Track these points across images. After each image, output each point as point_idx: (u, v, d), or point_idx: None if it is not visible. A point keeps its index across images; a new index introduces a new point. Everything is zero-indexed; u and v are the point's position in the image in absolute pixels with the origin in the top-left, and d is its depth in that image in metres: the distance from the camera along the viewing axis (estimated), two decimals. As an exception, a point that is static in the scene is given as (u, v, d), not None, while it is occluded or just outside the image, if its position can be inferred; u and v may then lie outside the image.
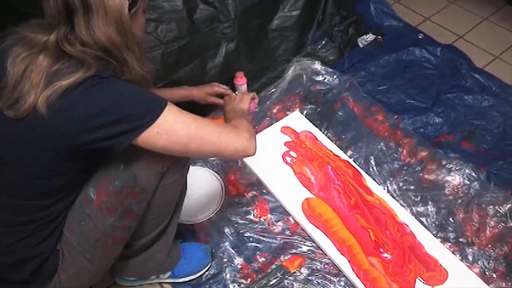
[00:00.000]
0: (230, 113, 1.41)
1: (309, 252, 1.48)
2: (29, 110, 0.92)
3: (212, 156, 1.43)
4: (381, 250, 1.47)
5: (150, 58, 1.64)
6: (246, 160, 1.70)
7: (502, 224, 1.52)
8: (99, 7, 0.92)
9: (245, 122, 1.23)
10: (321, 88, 1.96)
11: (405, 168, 1.69)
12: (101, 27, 0.94)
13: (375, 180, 1.66)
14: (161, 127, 0.97)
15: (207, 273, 1.45)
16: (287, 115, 1.86)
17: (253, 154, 1.16)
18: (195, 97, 1.63)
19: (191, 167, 1.36)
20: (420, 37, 2.23)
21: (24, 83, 0.93)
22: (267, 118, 1.86)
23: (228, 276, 1.43)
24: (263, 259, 1.47)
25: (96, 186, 1.07)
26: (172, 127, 0.99)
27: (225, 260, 1.46)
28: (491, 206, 1.56)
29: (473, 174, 1.63)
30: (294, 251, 1.49)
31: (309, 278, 1.43)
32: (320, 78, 1.98)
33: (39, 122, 0.93)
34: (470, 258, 1.46)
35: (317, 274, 1.43)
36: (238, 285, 1.41)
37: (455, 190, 1.62)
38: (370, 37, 2.19)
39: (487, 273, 1.42)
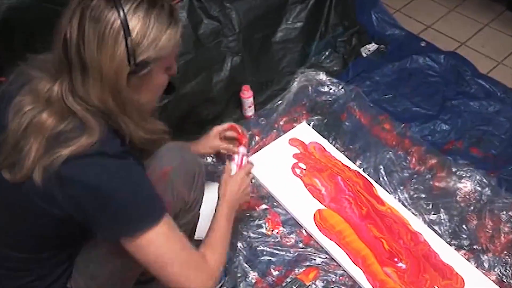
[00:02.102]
0: (229, 196, 1.26)
1: (324, 264, 1.47)
2: (25, 177, 0.87)
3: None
4: (396, 259, 1.46)
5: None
6: (255, 173, 1.69)
7: (516, 229, 1.52)
8: (95, 69, 0.85)
9: (224, 244, 1.14)
10: (327, 98, 1.96)
11: (415, 176, 1.69)
12: (96, 89, 0.86)
13: (385, 190, 1.65)
14: (137, 241, 0.90)
15: (221, 289, 1.44)
16: (294, 126, 1.86)
17: None
18: (201, 152, 1.49)
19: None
20: (422, 45, 2.24)
21: (23, 144, 0.87)
22: (275, 130, 1.86)
23: (243, 291, 1.42)
24: (277, 272, 1.46)
25: None
26: (146, 245, 0.91)
27: (239, 275, 1.45)
28: (504, 212, 1.55)
29: (484, 180, 1.63)
30: (308, 263, 1.47)
31: (325, 290, 1.42)
32: (325, 88, 1.99)
33: (33, 191, 0.87)
34: (486, 265, 1.45)
35: (332, 286, 1.42)
36: (253, 300, 1.40)
37: (467, 197, 1.61)
38: (373, 46, 2.20)
39: (505, 280, 1.41)
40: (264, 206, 1.62)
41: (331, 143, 1.80)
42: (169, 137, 1.06)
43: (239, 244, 1.51)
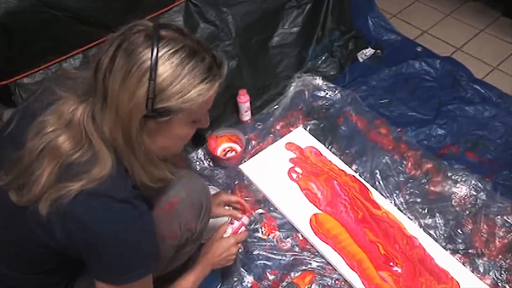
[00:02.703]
0: (209, 256, 1.25)
1: (319, 268, 1.47)
2: (30, 202, 0.86)
3: None
4: (391, 264, 1.46)
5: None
6: (251, 177, 1.70)
7: (511, 234, 1.52)
8: (113, 101, 0.83)
9: None
10: (324, 103, 1.97)
11: (411, 180, 1.69)
12: (110, 121, 0.85)
13: (381, 194, 1.66)
14: None
15: (217, 293, 1.44)
16: (291, 131, 1.86)
17: None
18: None
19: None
20: (418, 50, 2.25)
21: (35, 167, 0.86)
22: (271, 135, 1.86)
23: (238, 295, 1.42)
24: (273, 276, 1.46)
25: None
26: None
27: (235, 279, 1.45)
28: (499, 216, 1.56)
29: (479, 184, 1.64)
30: (304, 267, 1.48)
31: (321, 294, 1.42)
32: (322, 93, 1.99)
33: (35, 219, 0.86)
34: (481, 269, 1.46)
35: (328, 290, 1.43)
36: (249, 304, 1.41)
37: (462, 201, 1.62)
38: (369, 51, 2.21)
39: (499, 284, 1.42)
40: (260, 211, 1.62)
41: (328, 148, 1.81)
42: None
43: (235, 248, 1.51)
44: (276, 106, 1.96)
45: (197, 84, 0.86)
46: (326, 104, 1.96)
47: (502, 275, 1.44)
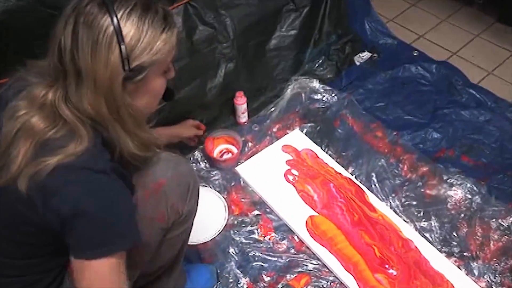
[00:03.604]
0: None
1: (315, 270, 1.48)
2: (9, 182, 0.86)
3: None
4: (387, 266, 1.47)
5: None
6: (248, 179, 1.71)
7: (506, 237, 1.53)
8: (89, 75, 0.85)
9: None
10: (320, 106, 1.98)
11: (406, 183, 1.70)
12: (89, 95, 0.87)
13: (377, 197, 1.66)
14: (84, 263, 0.87)
15: (213, 294, 1.44)
16: (287, 133, 1.87)
17: None
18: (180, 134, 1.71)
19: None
20: (415, 54, 2.26)
21: (12, 148, 0.87)
22: (268, 137, 1.87)
23: (234, 296, 1.42)
24: (269, 278, 1.46)
25: None
26: (86, 270, 0.88)
27: (230, 280, 1.45)
28: (493, 220, 1.57)
29: (475, 188, 1.65)
30: (299, 269, 1.48)
31: (316, 296, 1.42)
32: (318, 96, 2.00)
33: (16, 197, 0.87)
34: (476, 272, 1.46)
35: (323, 292, 1.43)
36: (245, 306, 1.40)
37: (457, 204, 1.63)
38: (366, 55, 2.22)
39: (494, 287, 1.42)
40: (256, 212, 1.63)
41: (324, 150, 1.81)
42: (164, 148, 1.06)
43: (231, 250, 1.51)
44: (273, 109, 1.97)
45: (160, 35, 0.90)
46: (323, 106, 1.97)
47: (496, 278, 1.44)
